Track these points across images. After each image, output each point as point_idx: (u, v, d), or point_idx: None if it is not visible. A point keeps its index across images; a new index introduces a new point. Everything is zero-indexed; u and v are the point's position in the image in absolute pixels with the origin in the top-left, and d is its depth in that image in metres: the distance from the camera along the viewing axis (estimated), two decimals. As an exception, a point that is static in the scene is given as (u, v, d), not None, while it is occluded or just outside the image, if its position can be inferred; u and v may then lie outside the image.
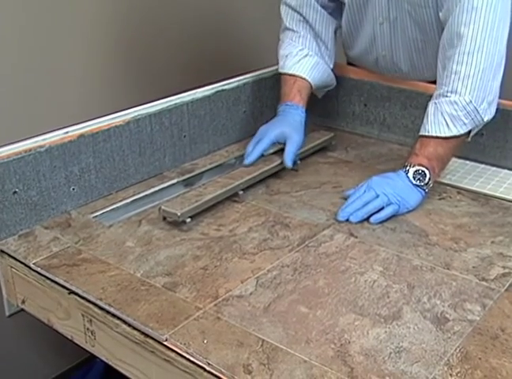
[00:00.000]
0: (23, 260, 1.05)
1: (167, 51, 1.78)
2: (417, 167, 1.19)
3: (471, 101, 1.18)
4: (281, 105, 1.42)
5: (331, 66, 1.51)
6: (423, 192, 1.19)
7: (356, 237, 1.10)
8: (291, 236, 1.11)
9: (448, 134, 1.19)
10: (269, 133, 1.34)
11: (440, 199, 1.24)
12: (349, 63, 1.62)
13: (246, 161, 1.32)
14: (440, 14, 1.27)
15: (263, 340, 0.84)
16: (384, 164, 1.39)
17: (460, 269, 1.01)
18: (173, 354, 0.84)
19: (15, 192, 1.10)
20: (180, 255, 1.05)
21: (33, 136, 1.13)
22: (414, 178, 1.18)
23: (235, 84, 1.49)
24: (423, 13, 1.32)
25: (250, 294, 0.94)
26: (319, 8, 1.47)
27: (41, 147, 1.13)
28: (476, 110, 1.18)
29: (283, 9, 1.49)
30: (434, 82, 1.28)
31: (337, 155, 1.46)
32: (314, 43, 1.48)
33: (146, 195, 1.25)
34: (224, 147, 1.48)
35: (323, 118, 1.63)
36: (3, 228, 1.10)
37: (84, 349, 1.01)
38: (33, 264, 1.03)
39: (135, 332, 0.89)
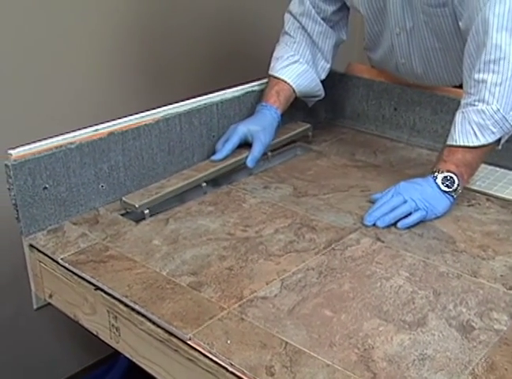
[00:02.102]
0: (51, 256, 1.06)
1: (187, 51, 1.80)
2: (446, 173, 1.18)
3: (498, 109, 1.16)
4: (257, 105, 1.43)
5: (322, 77, 1.51)
6: (451, 198, 1.18)
7: (383, 241, 1.10)
8: (317, 239, 1.10)
9: (476, 143, 1.17)
10: (237, 131, 1.35)
11: (469, 206, 1.23)
12: (373, 67, 1.62)
13: (215, 158, 1.33)
14: (460, 23, 1.26)
15: (286, 343, 0.84)
16: (413, 169, 1.38)
17: (487, 277, 1.00)
18: (196, 354, 0.85)
19: (45, 187, 1.11)
20: (206, 255, 1.05)
21: (64, 133, 1.14)
22: (442, 184, 1.17)
23: (265, 84, 1.48)
24: (440, 22, 1.32)
25: (275, 295, 0.94)
26: (320, 20, 1.47)
27: (71, 143, 1.14)
28: (505, 118, 1.16)
29: (286, 15, 1.50)
30: (461, 86, 1.27)
31: (366, 158, 1.45)
32: (307, 51, 1.48)
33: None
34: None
35: (352, 121, 1.63)
36: (33, 223, 1.11)
37: (108, 345, 1.02)
38: (61, 259, 1.04)
39: (159, 330, 0.89)
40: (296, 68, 1.46)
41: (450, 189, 1.17)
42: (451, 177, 1.17)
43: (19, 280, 1.25)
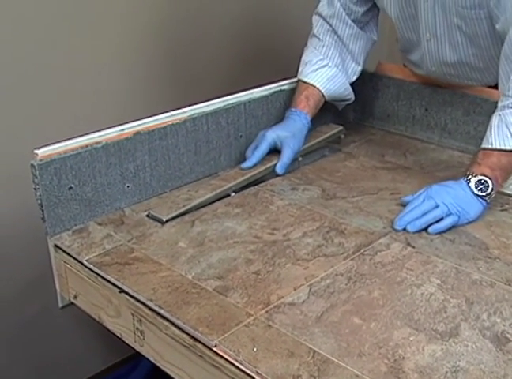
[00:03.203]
0: (76, 257, 1.05)
1: (216, 49, 1.79)
2: (479, 177, 1.14)
3: None
4: (287, 111, 1.41)
5: (352, 79, 1.49)
6: (484, 203, 1.15)
7: (414, 247, 1.07)
8: (346, 243, 1.08)
9: None
10: (266, 138, 1.33)
11: (502, 210, 1.20)
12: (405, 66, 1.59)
13: (244, 165, 1.31)
14: (497, 26, 1.23)
15: (314, 351, 0.82)
16: (444, 171, 1.35)
17: (522, 286, 0.97)
18: (222, 361, 0.83)
19: (70, 187, 1.11)
20: (233, 258, 1.04)
21: (90, 133, 1.13)
22: (476, 187, 1.14)
23: (294, 84, 1.46)
24: (474, 25, 1.28)
25: (303, 302, 0.92)
26: (350, 22, 1.44)
27: (97, 143, 1.13)
28: None
29: (314, 18, 1.48)
30: (496, 86, 1.24)
31: (395, 160, 1.42)
32: (336, 54, 1.45)
33: (200, 195, 1.24)
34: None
35: (382, 122, 1.60)
36: (58, 223, 1.10)
37: (132, 347, 1.01)
38: (86, 260, 1.03)
39: (184, 336, 0.88)
40: (326, 72, 1.44)
41: (484, 194, 1.14)
42: (485, 181, 1.14)
43: (45, 278, 1.24)
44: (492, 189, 1.14)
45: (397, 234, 1.11)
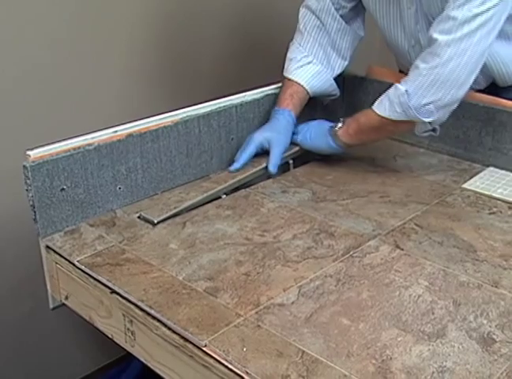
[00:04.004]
0: (68, 257, 1.06)
1: (209, 54, 1.79)
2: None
3: (406, 92, 1.21)
4: (272, 111, 1.43)
5: (337, 73, 1.51)
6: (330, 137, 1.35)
7: (402, 249, 1.08)
8: (335, 245, 1.09)
9: (381, 113, 1.26)
10: (253, 140, 1.35)
11: (490, 214, 1.21)
12: (401, 71, 1.59)
13: (232, 168, 1.33)
14: None
15: (303, 351, 0.83)
16: (433, 175, 1.37)
17: (509, 288, 0.98)
18: (212, 361, 0.84)
19: (63, 189, 1.11)
20: (223, 260, 1.04)
21: (82, 135, 1.14)
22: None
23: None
24: None
25: (292, 303, 0.93)
26: (338, 17, 1.45)
27: (90, 145, 1.14)
28: (408, 105, 1.21)
29: (302, 11, 1.48)
30: (483, 91, 1.28)
31: (385, 164, 1.44)
32: (321, 51, 1.47)
33: (192, 197, 1.25)
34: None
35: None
36: (50, 224, 1.11)
37: (123, 347, 1.02)
38: (77, 261, 1.04)
39: (175, 336, 0.88)
40: (310, 69, 1.45)
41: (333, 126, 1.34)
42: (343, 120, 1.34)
43: (36, 279, 1.25)
44: (339, 127, 1.34)
45: (386, 236, 1.12)
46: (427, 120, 1.24)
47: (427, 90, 1.21)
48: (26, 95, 1.43)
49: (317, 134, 1.38)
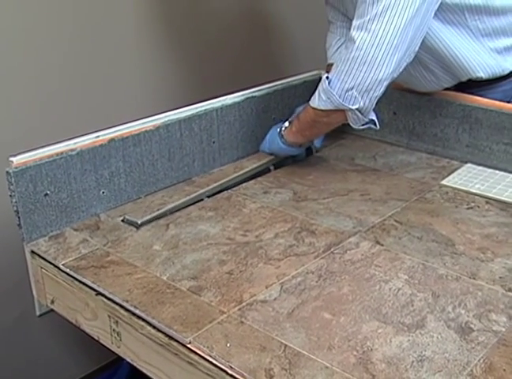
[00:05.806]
0: (52, 261, 1.07)
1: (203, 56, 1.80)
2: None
3: (329, 79, 1.23)
4: None
5: None
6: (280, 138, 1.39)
7: (382, 245, 1.10)
8: (316, 243, 1.11)
9: (313, 105, 1.27)
10: None
11: (468, 208, 1.23)
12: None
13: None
14: None
15: (285, 345, 0.85)
16: (412, 173, 1.39)
17: (486, 279, 1.00)
18: (196, 357, 0.85)
19: (46, 194, 1.12)
20: (206, 259, 1.06)
21: (65, 140, 1.15)
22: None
23: (265, 90, 1.50)
24: None
25: (274, 299, 0.95)
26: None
27: (72, 150, 1.15)
28: (331, 92, 1.23)
29: (327, 7, 1.53)
30: (457, 89, 1.31)
31: (365, 163, 1.46)
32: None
33: (175, 200, 1.26)
34: (253, 153, 1.49)
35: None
36: (34, 229, 1.12)
37: (110, 350, 1.03)
38: (62, 265, 1.05)
39: (159, 334, 0.90)
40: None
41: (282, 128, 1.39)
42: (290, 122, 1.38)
43: (21, 286, 1.26)
44: (285, 128, 1.38)
45: (366, 233, 1.14)
46: (353, 107, 1.23)
47: (346, 75, 1.21)
48: (10, 100, 1.43)
49: (271, 139, 1.43)
